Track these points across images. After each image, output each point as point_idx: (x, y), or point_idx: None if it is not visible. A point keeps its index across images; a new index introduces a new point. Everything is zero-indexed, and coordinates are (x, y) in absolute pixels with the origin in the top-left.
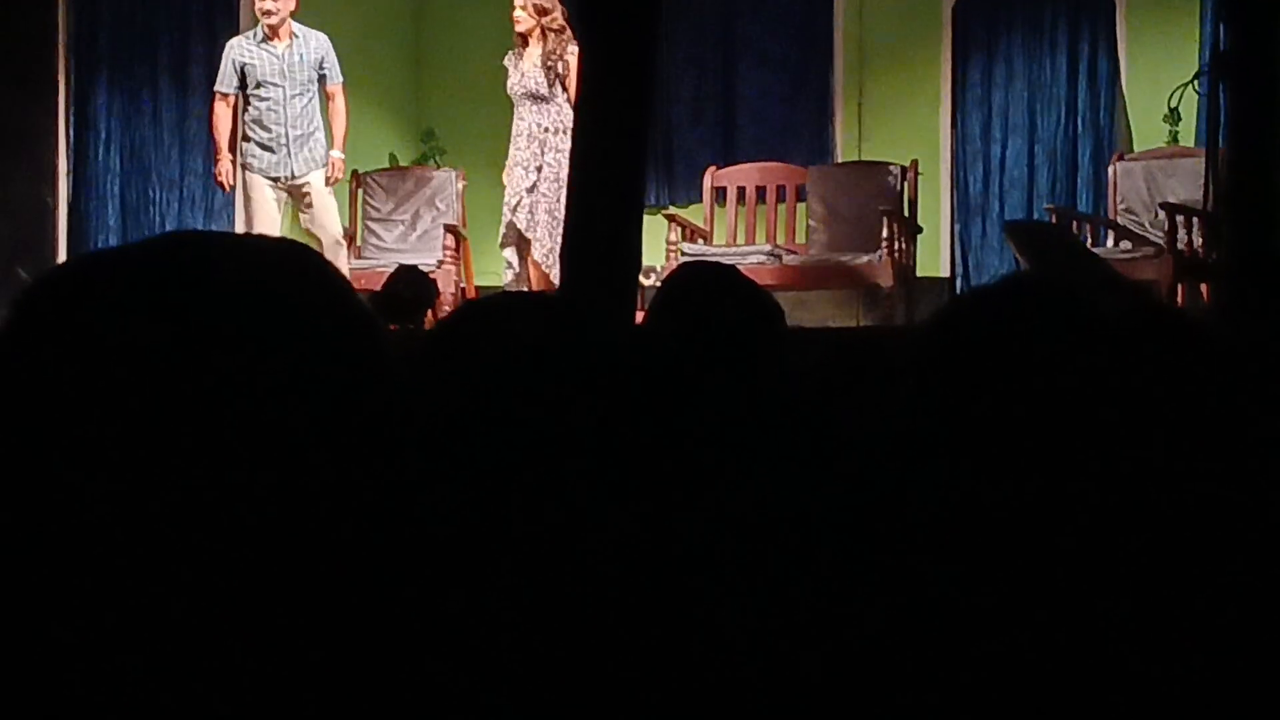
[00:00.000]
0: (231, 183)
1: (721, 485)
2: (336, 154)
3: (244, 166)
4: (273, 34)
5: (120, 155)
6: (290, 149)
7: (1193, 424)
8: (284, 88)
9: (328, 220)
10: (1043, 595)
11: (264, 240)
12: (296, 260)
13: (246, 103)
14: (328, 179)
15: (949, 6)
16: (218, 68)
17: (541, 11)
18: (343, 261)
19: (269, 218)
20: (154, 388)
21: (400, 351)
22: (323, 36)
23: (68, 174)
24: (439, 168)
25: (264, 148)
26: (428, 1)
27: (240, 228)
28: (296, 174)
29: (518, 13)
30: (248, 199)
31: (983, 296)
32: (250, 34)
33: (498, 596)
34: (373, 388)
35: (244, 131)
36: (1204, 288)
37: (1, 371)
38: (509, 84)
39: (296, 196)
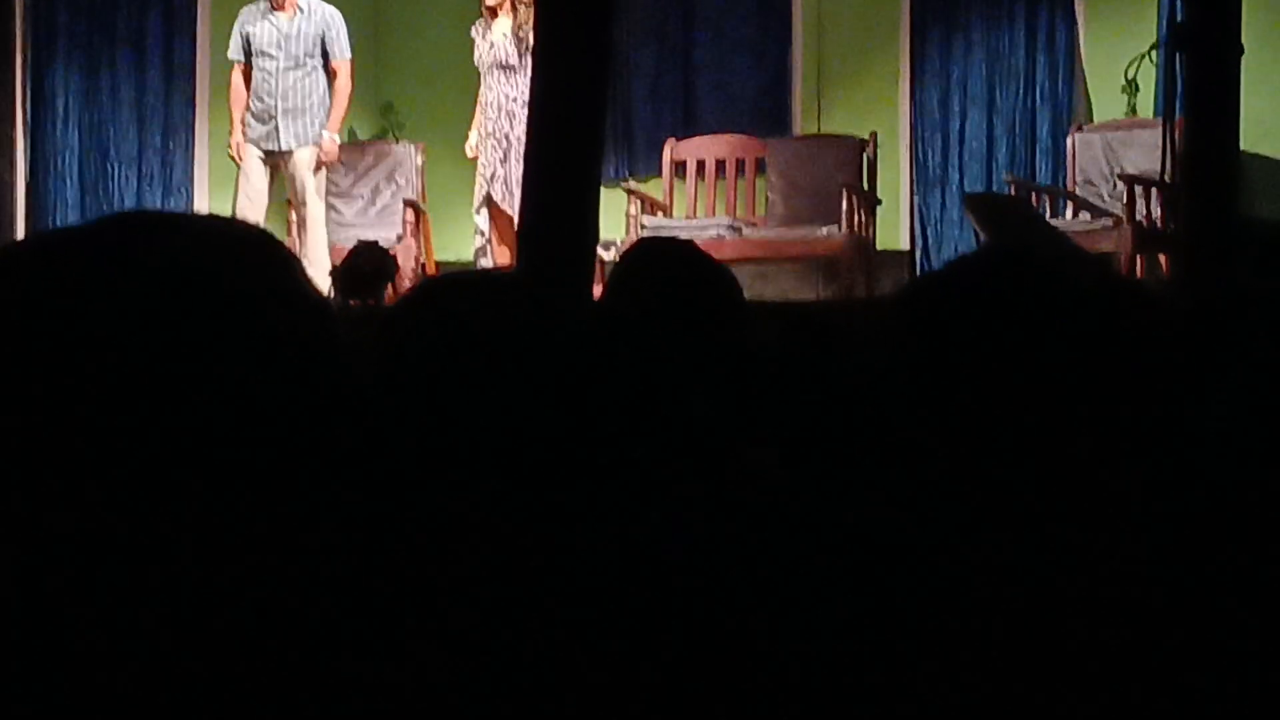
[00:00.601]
0: (242, 155)
1: (682, 463)
2: (328, 135)
3: (242, 134)
4: (279, 4)
5: (78, 132)
6: (279, 121)
7: (1155, 394)
8: (278, 59)
9: (308, 198)
10: (1020, 569)
11: (214, 221)
12: (245, 240)
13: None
14: (318, 160)
15: None
16: (176, 44)
17: None
18: (321, 234)
19: (255, 189)
20: (100, 370)
21: (358, 330)
22: (331, 10)
23: (25, 151)
24: (398, 142)
25: (257, 118)
26: None
27: (201, 202)
28: (283, 147)
29: None
30: (240, 167)
31: (956, 270)
32: (261, 2)
33: (449, 582)
34: (321, 369)
35: (248, 100)
36: (1162, 259)
37: None
38: (476, 55)
39: (282, 169)
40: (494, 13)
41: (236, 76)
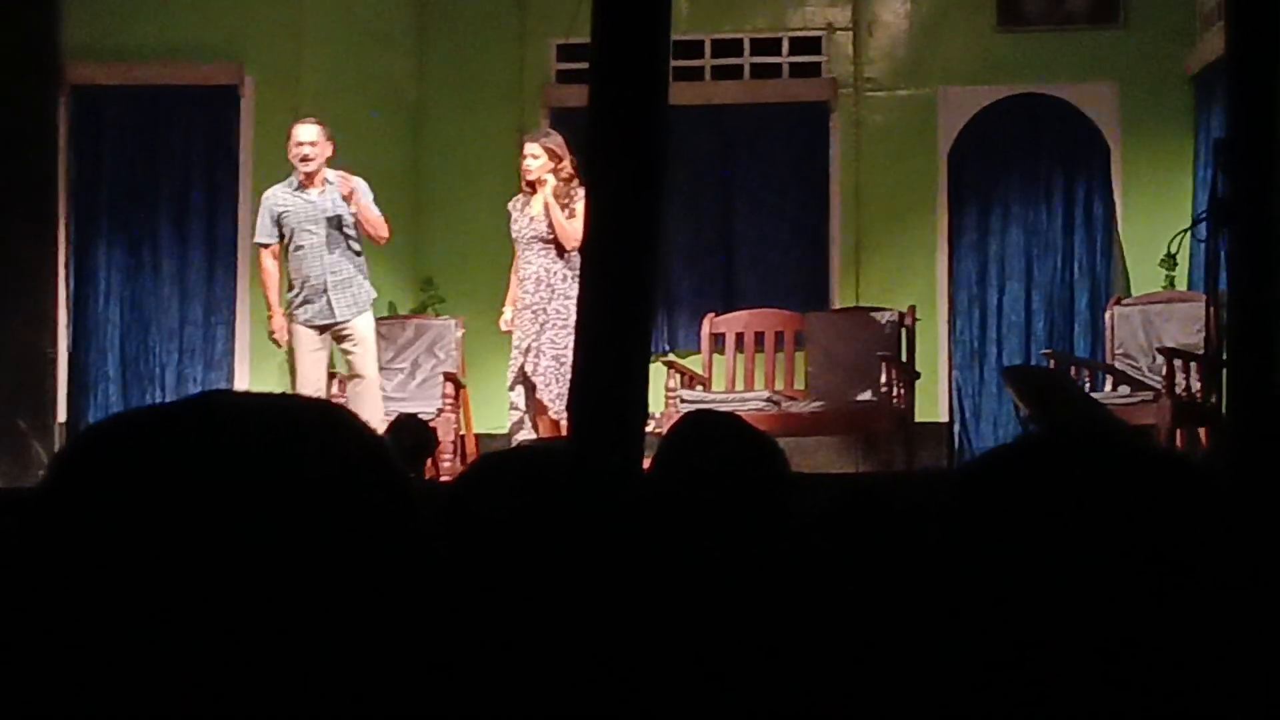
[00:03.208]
0: (285, 339)
1: (736, 636)
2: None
3: (289, 317)
4: (309, 181)
5: (120, 306)
6: (330, 295)
7: (1207, 576)
8: (318, 234)
9: (368, 365)
10: None
11: (295, 400)
12: (328, 421)
13: (288, 254)
14: (345, 195)
15: (944, 152)
16: (218, 219)
17: (554, 158)
18: (377, 404)
19: (314, 369)
20: (188, 552)
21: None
22: (357, 180)
23: (67, 325)
24: (438, 316)
25: (306, 298)
26: (425, 152)
27: (242, 376)
28: (338, 318)
29: (529, 161)
30: (294, 349)
31: (1024, 447)
32: (286, 182)
33: None
34: (403, 545)
35: (288, 282)
36: (1202, 432)
37: (40, 530)
38: (514, 228)
39: (339, 341)
40: (534, 188)
41: (268, 259)
